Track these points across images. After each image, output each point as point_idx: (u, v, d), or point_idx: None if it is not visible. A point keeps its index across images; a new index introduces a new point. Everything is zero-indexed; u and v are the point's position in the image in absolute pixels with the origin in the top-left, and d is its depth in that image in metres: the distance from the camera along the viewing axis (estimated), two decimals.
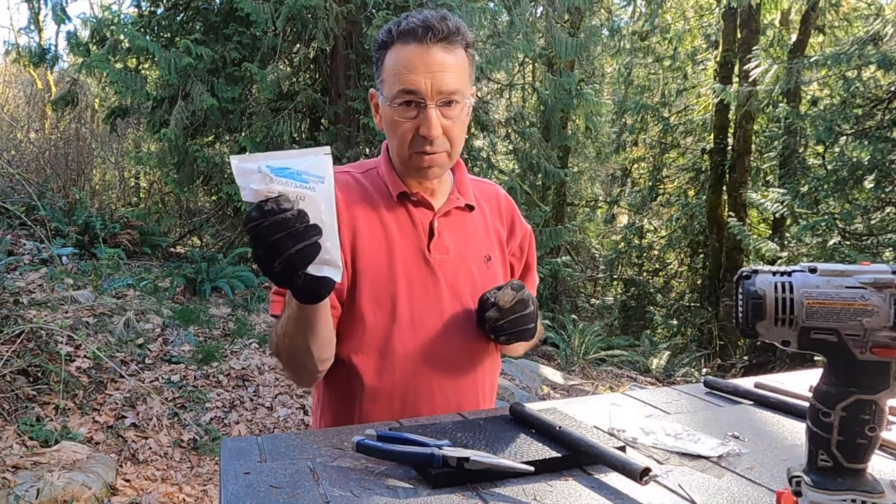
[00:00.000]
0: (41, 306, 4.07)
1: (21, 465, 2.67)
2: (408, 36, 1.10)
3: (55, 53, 7.64)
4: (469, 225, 1.25)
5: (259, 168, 0.82)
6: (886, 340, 0.63)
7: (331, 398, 1.21)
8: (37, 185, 6.85)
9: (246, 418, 3.68)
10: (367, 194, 1.19)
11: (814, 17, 8.51)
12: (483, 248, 1.25)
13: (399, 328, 1.14)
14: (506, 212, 1.33)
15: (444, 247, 1.19)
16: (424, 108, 1.09)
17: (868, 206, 6.43)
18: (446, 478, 0.80)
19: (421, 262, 1.17)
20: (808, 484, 0.67)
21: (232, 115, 6.52)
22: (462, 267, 1.20)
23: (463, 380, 1.19)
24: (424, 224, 1.19)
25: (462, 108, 1.13)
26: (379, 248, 1.16)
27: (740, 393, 1.18)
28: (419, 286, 1.16)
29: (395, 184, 1.19)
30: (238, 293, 5.70)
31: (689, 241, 10.67)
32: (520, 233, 1.34)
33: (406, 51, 1.09)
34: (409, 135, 1.12)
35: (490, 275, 1.24)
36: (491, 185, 1.37)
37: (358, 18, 6.24)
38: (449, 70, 1.10)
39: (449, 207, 1.22)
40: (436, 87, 1.08)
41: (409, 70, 1.08)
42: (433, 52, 1.09)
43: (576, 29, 8.45)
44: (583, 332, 7.06)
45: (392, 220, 1.18)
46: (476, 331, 1.20)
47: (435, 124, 1.09)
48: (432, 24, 1.09)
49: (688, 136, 11.03)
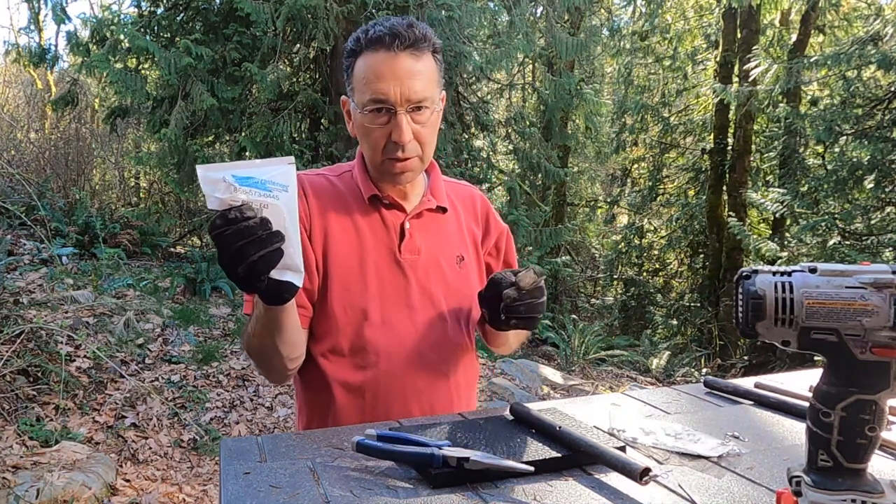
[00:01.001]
0: (41, 306, 4.07)
1: (21, 465, 2.67)
2: (375, 44, 1.11)
3: (55, 53, 7.63)
4: (442, 226, 1.26)
5: (224, 178, 0.84)
6: (886, 340, 0.63)
7: (307, 398, 1.24)
8: (37, 185, 6.85)
9: (246, 418, 3.68)
10: (341, 197, 1.22)
11: (814, 17, 8.51)
12: (456, 248, 1.26)
13: (370, 328, 1.16)
14: (480, 212, 1.35)
15: (415, 248, 1.21)
16: (395, 114, 1.11)
17: (868, 206, 6.43)
18: (446, 478, 0.80)
19: (392, 263, 1.19)
20: (808, 484, 0.67)
21: (232, 115, 6.52)
22: (434, 267, 1.22)
23: (435, 379, 1.20)
24: (396, 226, 1.21)
25: (431, 112, 1.15)
26: (350, 250, 1.18)
27: (740, 393, 1.18)
28: (390, 287, 1.18)
29: (367, 187, 1.21)
30: (238, 293, 5.70)
31: (689, 241, 10.67)
32: (495, 232, 1.35)
33: (374, 58, 1.11)
34: (382, 141, 1.14)
35: (463, 275, 1.26)
36: (466, 186, 1.39)
37: (358, 18, 6.23)
38: (417, 76, 1.11)
39: (421, 209, 1.23)
40: (405, 94, 1.10)
41: (378, 78, 1.10)
42: (401, 60, 1.10)
43: (576, 29, 8.45)
44: (583, 332, 7.05)
45: (364, 222, 1.20)
46: (448, 330, 1.22)
47: (405, 130, 1.11)
48: (399, 32, 1.10)
49: (688, 136, 11.03)
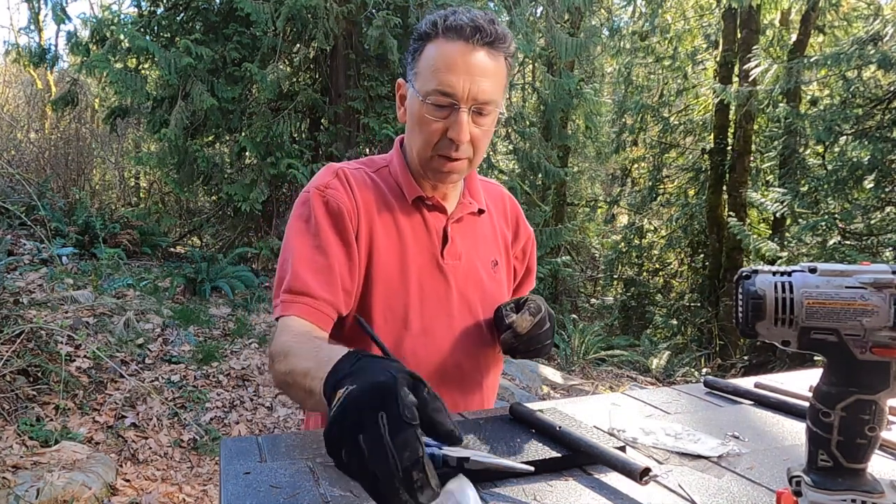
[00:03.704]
0: (41, 306, 4.07)
1: (21, 465, 2.66)
2: (454, 32, 1.04)
3: (55, 53, 7.64)
4: (479, 230, 1.23)
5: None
6: (886, 340, 0.63)
7: None
8: (37, 185, 6.85)
9: (246, 418, 3.68)
10: (383, 196, 1.15)
11: (814, 17, 8.51)
12: (491, 252, 1.24)
13: (410, 336, 1.12)
14: (511, 214, 1.31)
15: (456, 253, 1.17)
16: (457, 110, 1.05)
17: (868, 206, 6.42)
18: (446, 478, 0.80)
19: (434, 268, 1.15)
20: (808, 484, 0.67)
21: (232, 115, 6.52)
22: (472, 273, 1.19)
23: (470, 387, 1.19)
24: (438, 229, 1.16)
25: (493, 118, 1.10)
26: (393, 255, 1.13)
27: (740, 393, 1.18)
28: (431, 294, 1.14)
29: (411, 187, 1.15)
30: (238, 293, 5.70)
31: (689, 241, 10.67)
32: (524, 236, 1.32)
33: (449, 48, 1.04)
34: (437, 136, 1.07)
35: (497, 279, 1.23)
36: (496, 185, 1.35)
37: (358, 18, 6.24)
38: (488, 76, 1.05)
39: (462, 213, 1.19)
40: (473, 92, 1.04)
41: (449, 69, 1.03)
42: (476, 55, 1.04)
43: (576, 29, 8.45)
44: (583, 332, 7.06)
45: (407, 224, 1.14)
46: (484, 338, 1.19)
47: (465, 129, 1.05)
48: (481, 26, 1.04)
49: (688, 136, 11.03)
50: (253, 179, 6.28)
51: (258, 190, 6.15)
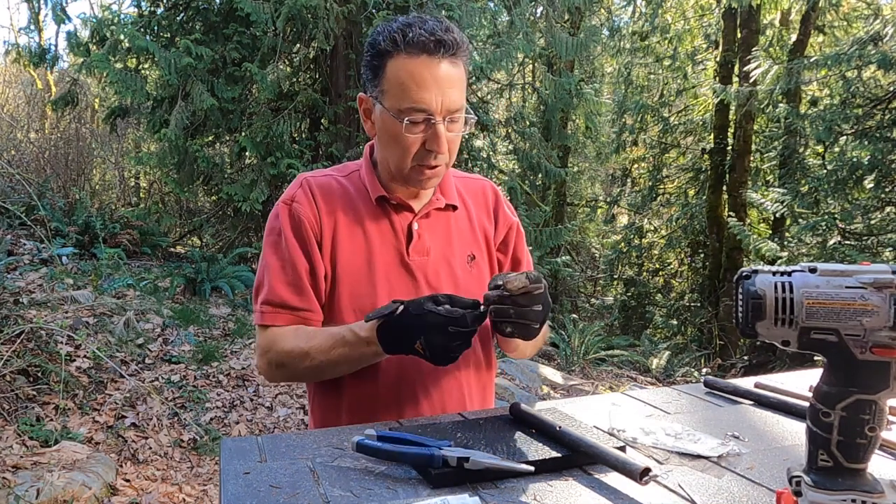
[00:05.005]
0: (41, 306, 4.07)
1: (21, 465, 2.66)
2: (416, 48, 1.07)
3: (55, 53, 7.63)
4: (452, 225, 1.24)
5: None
6: (886, 340, 0.63)
7: (320, 402, 1.24)
8: (37, 185, 6.85)
9: (246, 418, 3.68)
10: (349, 198, 1.20)
11: (814, 17, 8.51)
12: (467, 247, 1.24)
13: None
14: (491, 205, 1.31)
15: (424, 249, 1.20)
16: (433, 123, 1.09)
17: (868, 206, 6.42)
18: (446, 478, 0.80)
19: (399, 265, 1.18)
20: (808, 484, 0.67)
21: (232, 115, 6.52)
22: (444, 268, 1.20)
23: (446, 380, 1.19)
24: (403, 227, 1.20)
25: (462, 121, 1.14)
26: (358, 254, 1.17)
27: (740, 393, 1.18)
28: (399, 291, 1.17)
29: (375, 188, 1.20)
30: (238, 293, 5.70)
31: (689, 241, 10.67)
32: (504, 225, 1.31)
33: (415, 64, 1.07)
34: (415, 148, 1.11)
35: (475, 274, 1.23)
36: (478, 179, 1.35)
37: (358, 18, 6.24)
38: (455, 85, 1.10)
39: (429, 209, 1.22)
40: (446, 104, 1.08)
41: (420, 86, 1.07)
42: (441, 67, 1.08)
43: (576, 29, 8.45)
44: (583, 332, 7.06)
45: (371, 224, 1.19)
46: None
47: (444, 140, 1.10)
48: (442, 38, 1.07)
49: (688, 136, 11.03)
50: (253, 179, 6.28)
51: (258, 190, 6.14)
